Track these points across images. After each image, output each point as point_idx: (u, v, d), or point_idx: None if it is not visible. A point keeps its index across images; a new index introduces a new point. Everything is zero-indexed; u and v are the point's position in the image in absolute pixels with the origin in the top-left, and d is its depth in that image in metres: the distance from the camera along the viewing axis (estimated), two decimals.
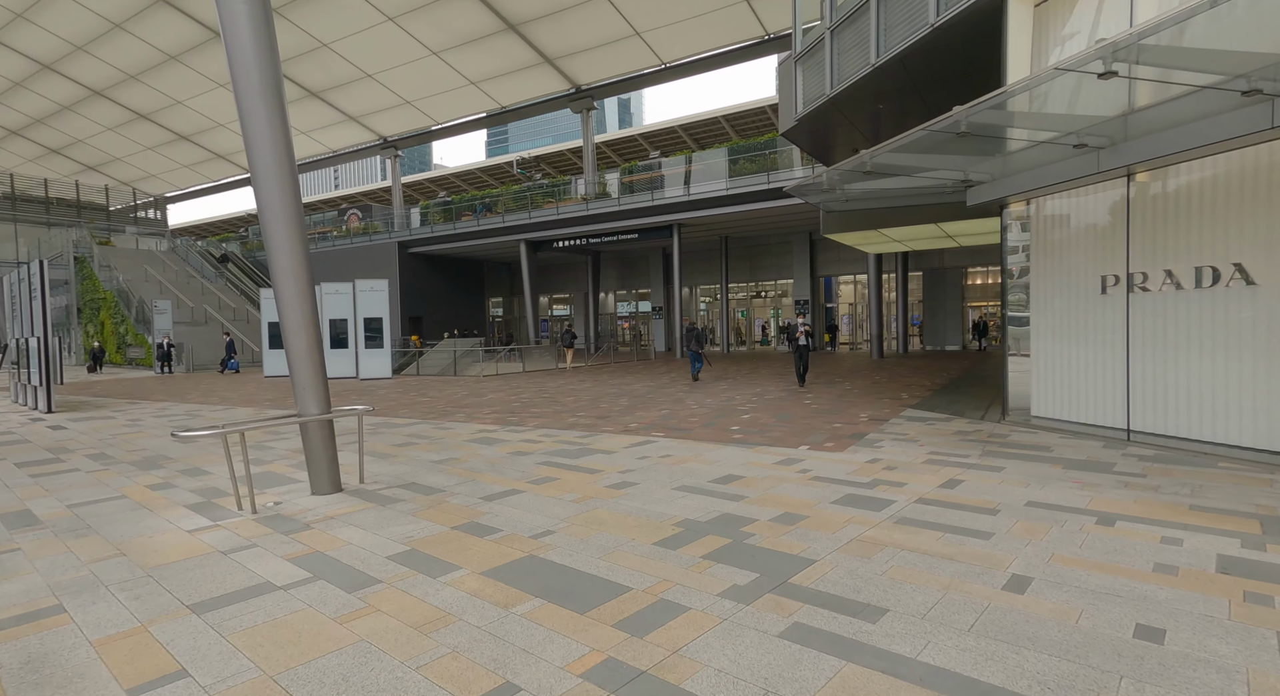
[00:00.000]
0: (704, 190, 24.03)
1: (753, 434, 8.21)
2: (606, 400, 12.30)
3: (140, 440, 9.14)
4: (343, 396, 14.46)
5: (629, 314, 35.50)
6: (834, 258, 28.00)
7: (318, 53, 30.75)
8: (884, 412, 9.66)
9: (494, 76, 30.90)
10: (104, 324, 30.11)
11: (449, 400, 13.21)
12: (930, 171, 8.21)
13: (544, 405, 11.85)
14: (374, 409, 6.36)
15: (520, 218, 28.56)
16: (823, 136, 14.17)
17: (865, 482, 5.65)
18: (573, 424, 9.47)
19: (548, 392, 14.07)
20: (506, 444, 8.06)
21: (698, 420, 9.46)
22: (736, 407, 10.67)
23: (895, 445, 7.23)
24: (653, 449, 7.45)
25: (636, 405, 11.38)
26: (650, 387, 14.46)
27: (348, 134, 37.50)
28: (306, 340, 5.83)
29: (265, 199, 5.69)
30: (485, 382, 17.22)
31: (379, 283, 19.02)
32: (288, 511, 5.33)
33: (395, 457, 7.42)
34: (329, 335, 19.45)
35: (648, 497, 5.39)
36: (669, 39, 27.09)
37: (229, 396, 15.16)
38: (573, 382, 16.33)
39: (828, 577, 3.59)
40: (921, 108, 12.44)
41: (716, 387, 14.00)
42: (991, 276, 25.92)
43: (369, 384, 17.81)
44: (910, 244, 11.64)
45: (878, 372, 16.61)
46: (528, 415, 10.58)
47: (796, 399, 11.64)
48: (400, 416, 10.92)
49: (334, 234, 35.84)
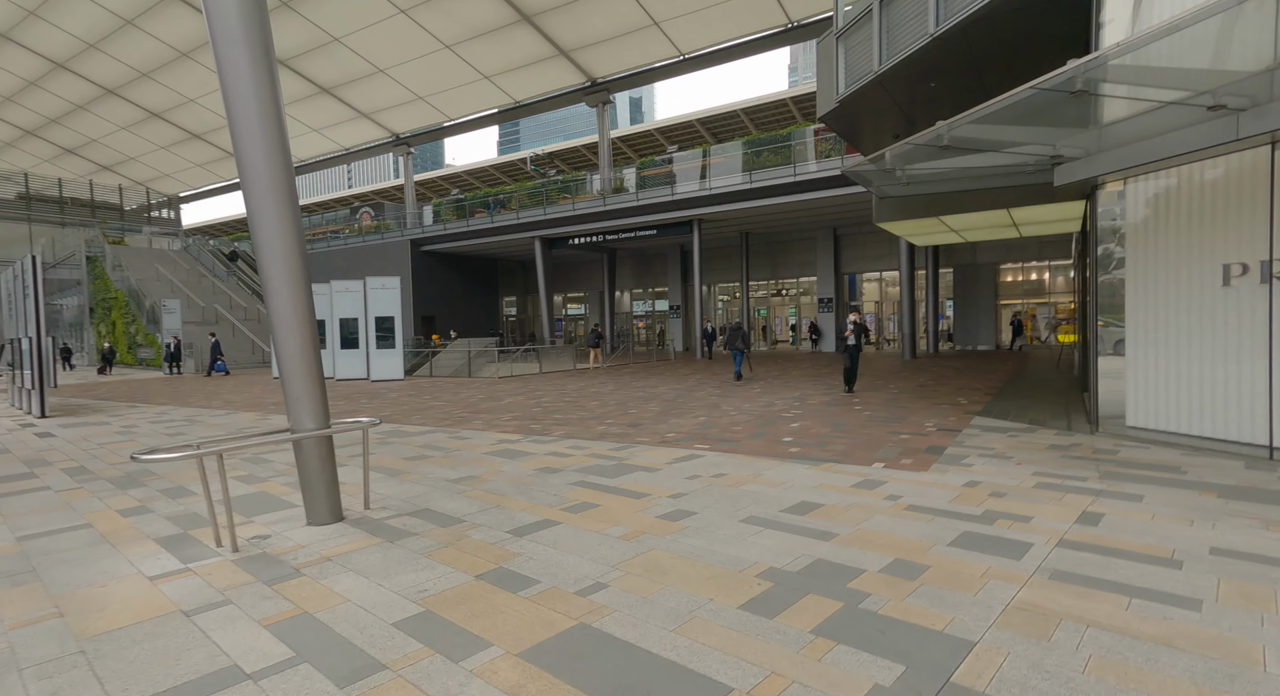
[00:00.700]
0: (725, 184, 22.94)
1: (810, 446, 7.15)
2: (634, 405, 11.27)
3: (128, 451, 8.21)
4: (352, 400, 13.53)
5: (645, 313, 34.46)
6: (859, 254, 26.83)
7: (329, 47, 29.94)
8: (950, 421, 8.57)
9: (507, 70, 29.95)
10: (115, 324, 29.46)
11: (464, 404, 12.23)
12: (1015, 146, 7.12)
13: (567, 410, 10.84)
14: (381, 420, 5.36)
15: (535, 214, 27.60)
16: (864, 120, 13.06)
17: (977, 515, 4.58)
18: (602, 433, 8.45)
19: (569, 396, 13.06)
20: (531, 457, 7.05)
21: (742, 429, 8.41)
22: (780, 414, 9.61)
23: (987, 463, 6.15)
24: (701, 465, 6.41)
25: (668, 411, 10.35)
26: (678, 391, 13.41)
27: (360, 131, 36.70)
28: (300, 341, 4.84)
29: (246, 155, 4.69)
30: (501, 385, 16.25)
31: (390, 280, 18.12)
32: (276, 548, 4.34)
33: (406, 474, 6.43)
34: (339, 335, 18.56)
35: (713, 533, 4.36)
36: (688, 29, 26.01)
37: (234, 399, 14.27)
38: (594, 385, 15.31)
39: (1006, 676, 2.54)
40: (977, 85, 11.33)
41: (750, 391, 12.94)
42: (1025, 273, 24.62)
43: (380, 386, 16.89)
44: (968, 234, 10.57)
45: (918, 374, 15.48)
46: (551, 422, 9.57)
47: (844, 404, 10.56)
48: (412, 423, 9.94)
49: (346, 232, 35.02)
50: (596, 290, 34.59)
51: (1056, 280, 24.21)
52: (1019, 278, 24.68)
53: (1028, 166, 7.61)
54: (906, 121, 13.30)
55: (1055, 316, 24.34)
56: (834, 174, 20.44)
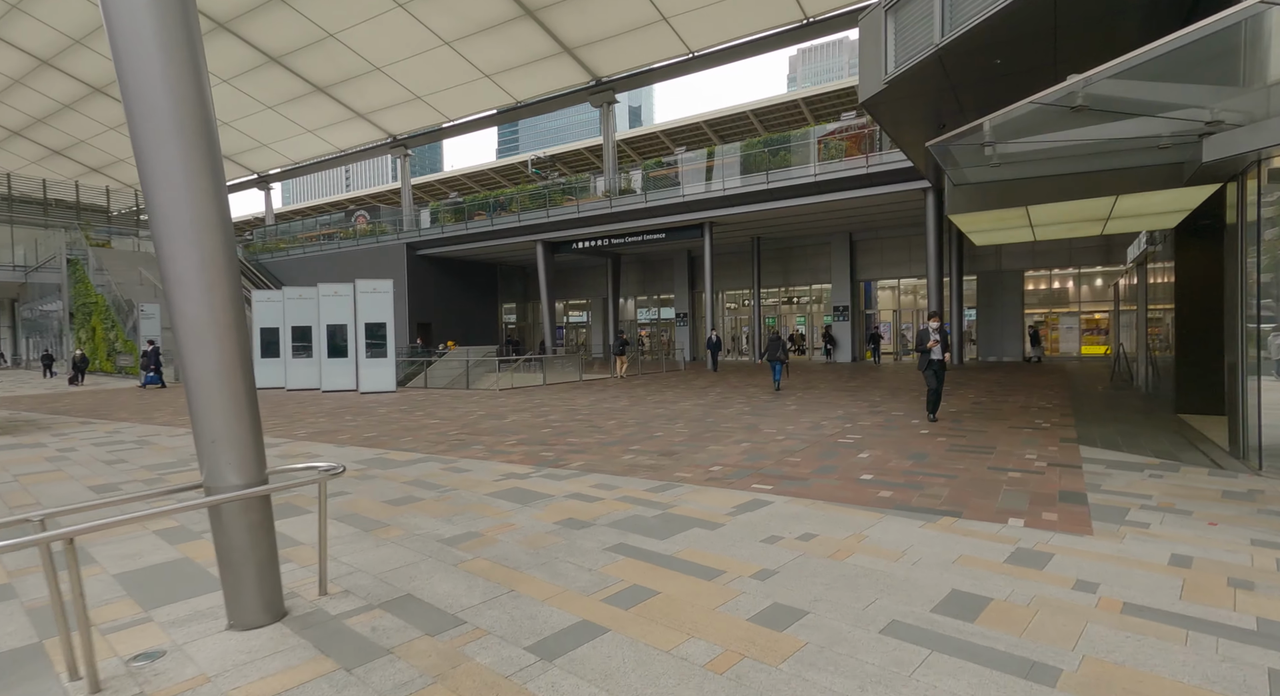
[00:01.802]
0: (740, 185, 21.43)
1: (904, 489, 5.55)
2: (658, 425, 9.65)
3: (44, 487, 6.54)
4: (335, 417, 11.85)
5: (650, 321, 32.88)
6: (875, 261, 25.35)
7: (324, 44, 28.43)
8: (1053, 451, 6.99)
9: (509, 68, 28.48)
10: (95, 329, 27.68)
11: (462, 422, 10.58)
12: (1163, 111, 5.58)
13: (582, 432, 9.21)
14: (343, 468, 3.74)
15: (537, 216, 26.03)
16: (909, 107, 11.56)
17: (1248, 629, 2.98)
18: (631, 465, 6.83)
19: (580, 413, 11.43)
20: (548, 502, 5.43)
21: (801, 461, 6.81)
22: (836, 440, 8.01)
23: (1164, 520, 4.56)
24: (774, 518, 4.80)
25: (701, 432, 8.74)
26: (701, 407, 11.80)
27: (356, 132, 35.14)
28: (220, 357, 3.20)
29: (127, 53, 3.06)
30: (503, 398, 14.60)
31: (383, 283, 16.48)
32: (164, 684, 2.70)
33: (386, 530, 4.79)
34: (326, 342, 16.88)
35: (854, 661, 2.74)
36: (698, 25, 24.60)
37: None
38: (606, 400, 13.69)
39: None
40: (1048, 62, 9.85)
41: (784, 407, 11.34)
42: (1051, 281, 23.12)
43: (370, 399, 15.21)
44: (1046, 230, 9.08)
45: (961, 388, 13.92)
46: (566, 448, 7.94)
47: (905, 427, 8.98)
48: (401, 448, 8.29)
49: (339, 236, 33.38)
50: (600, 297, 33.01)
51: (1081, 288, 22.71)
52: (1045, 285, 23.20)
53: (1160, 140, 6.08)
54: (956, 109, 11.80)
55: (1043, 326, 22.82)
56: (858, 173, 18.96)
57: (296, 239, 35.72)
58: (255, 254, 36.79)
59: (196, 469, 6.15)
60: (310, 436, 9.49)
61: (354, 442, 8.82)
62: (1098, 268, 21.97)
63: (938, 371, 9.22)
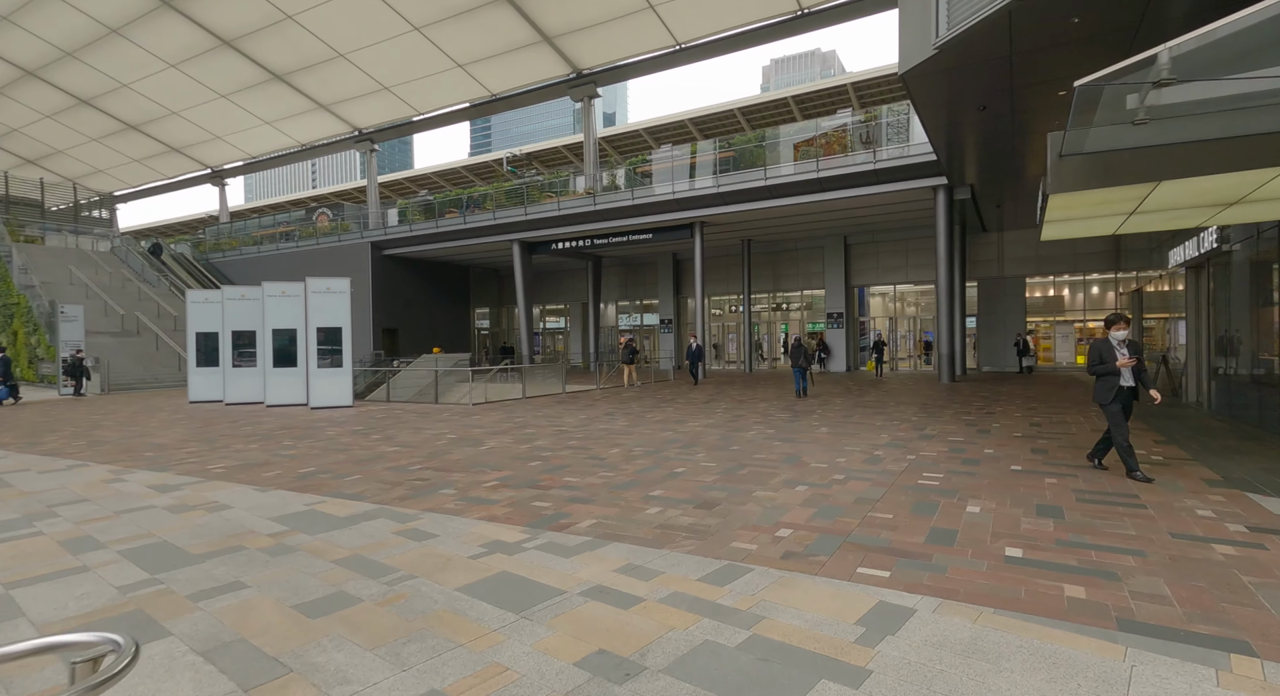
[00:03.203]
0: (735, 181, 19.64)
1: (1082, 576, 3.67)
2: (674, 455, 7.67)
3: None
4: (271, 441, 9.56)
5: (631, 327, 30.92)
6: (871, 265, 23.85)
7: (282, 26, 25.86)
8: (1221, 502, 5.22)
9: (484, 58, 26.32)
10: (17, 333, 24.53)
11: (429, 450, 8.44)
12: None
13: (582, 465, 7.17)
14: (137, 645, 1.57)
15: (514, 214, 23.87)
16: (960, 80, 9.87)
17: None
18: (664, 526, 4.83)
19: (573, 436, 9.38)
20: (558, 607, 3.40)
21: (895, 518, 4.90)
22: (913, 481, 6.14)
23: None
24: (940, 648, 2.86)
25: (734, 468, 6.79)
26: (715, 428, 9.86)
27: (318, 125, 32.50)
28: None
29: None
30: (478, 415, 12.45)
31: (338, 282, 14.18)
32: None
33: (286, 677, 2.71)
34: (271, 348, 14.49)
35: None
36: (686, 14, 22.85)
37: (108, 437, 10.15)
38: (598, 417, 11.65)
39: None
40: (1129, 24, 8.24)
41: (813, 428, 9.47)
42: (1056, 288, 21.86)
43: (321, 416, 12.89)
44: (1150, 218, 7.45)
45: (998, 405, 12.28)
46: (566, 493, 5.90)
47: (983, 458, 7.16)
48: (344, 493, 6.14)
49: (299, 234, 30.66)
50: (579, 302, 30.95)
51: (1075, 295, 21.47)
52: (1047, 292, 21.93)
53: None
54: (1005, 86, 10.17)
55: (1034, 335, 21.50)
56: (864, 169, 17.33)
57: (251, 237, 32.80)
58: (205, 253, 33.76)
59: (31, 539, 4.01)
60: (228, 472, 7.25)
61: (283, 483, 6.63)
62: (1103, 275, 20.75)
63: (1127, 404, 6.08)
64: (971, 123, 11.50)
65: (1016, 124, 11.54)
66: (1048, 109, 10.73)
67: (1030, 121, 11.39)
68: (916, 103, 10.59)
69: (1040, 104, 10.51)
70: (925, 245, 22.86)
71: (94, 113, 33.97)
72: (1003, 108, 10.81)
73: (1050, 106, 10.50)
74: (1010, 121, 11.41)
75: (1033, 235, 21.19)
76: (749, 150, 19.77)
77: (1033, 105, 10.52)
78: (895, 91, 29.27)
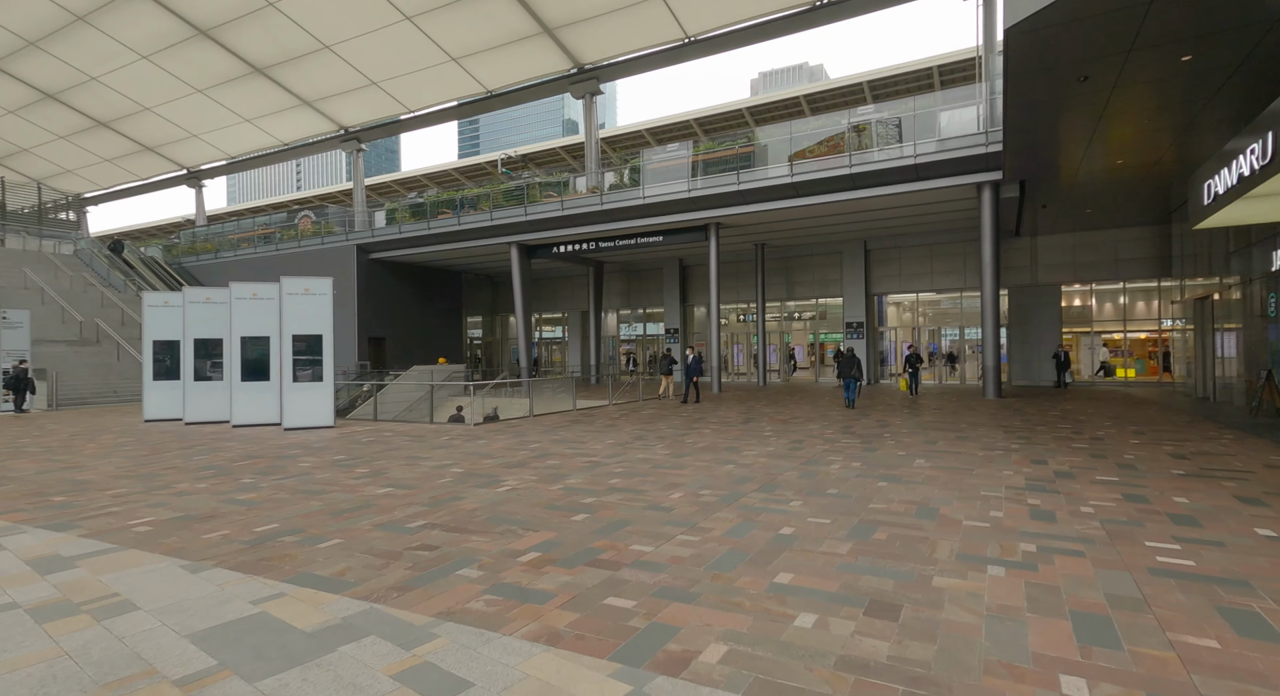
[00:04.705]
0: (756, 179, 17.82)
1: None
2: (764, 506, 5.70)
3: None
4: (225, 480, 7.41)
5: (633, 337, 28.96)
6: (892, 272, 22.18)
7: (263, 15, 23.72)
8: None
9: (479, 51, 24.39)
10: None
11: (432, 495, 6.38)
12: None
13: (644, 520, 5.17)
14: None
15: (513, 215, 21.85)
16: (1088, 37, 8.08)
17: None
18: (849, 662, 2.86)
19: (609, 469, 7.38)
20: None
21: (1230, 644, 2.99)
22: (1176, 568, 4.24)
23: None
24: None
25: (868, 528, 4.84)
26: (785, 460, 7.91)
27: (302, 122, 30.27)
28: None
29: None
30: (483, 439, 10.39)
31: (319, 282, 12.06)
32: None
33: None
34: (238, 360, 12.30)
35: None
36: (698, 4, 21.14)
37: (21, 471, 7.93)
38: (630, 444, 9.66)
39: None
40: None
41: (902, 457, 7.56)
42: (1094, 297, 20.20)
43: (295, 441, 10.73)
44: None
45: (1085, 426, 10.50)
46: (645, 573, 3.90)
47: (1169, 503, 5.30)
48: (315, 572, 4.09)
49: (279, 236, 28.33)
50: (578, 310, 28.94)
51: (1116, 304, 19.88)
52: (1083, 302, 20.34)
53: None
54: (1124, 46, 8.43)
55: (1071, 347, 19.88)
56: (904, 164, 15.62)
57: (228, 239, 30.38)
58: (178, 256, 31.24)
59: None
60: (155, 532, 5.14)
61: (227, 553, 4.55)
62: (1148, 283, 19.19)
63: None
64: (1062, 99, 9.77)
65: (1110, 103, 9.84)
66: (1163, 81, 9.02)
67: (1129, 100, 9.68)
68: (1011, 68, 8.82)
69: (1159, 72, 8.78)
70: (951, 250, 21.25)
71: (60, 108, 31.42)
72: (1106, 80, 9.09)
73: (1168, 74, 8.79)
74: (1105, 99, 9.70)
75: (1069, 239, 19.66)
76: (769, 146, 17.99)
77: (1150, 73, 8.78)
78: (904, 92, 27.88)
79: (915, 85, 27.25)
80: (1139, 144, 11.60)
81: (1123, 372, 20.35)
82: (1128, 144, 11.66)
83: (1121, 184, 14.22)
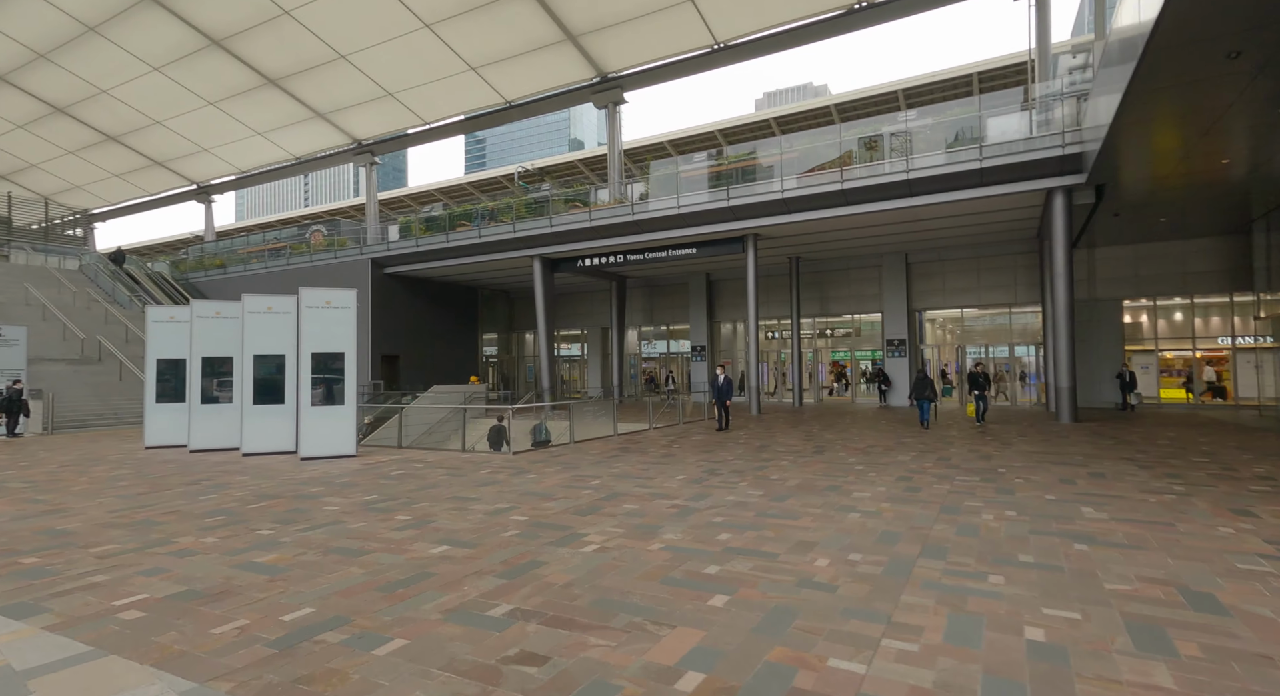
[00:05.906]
0: (800, 186, 16.58)
1: None
2: (959, 585, 4.28)
3: None
4: (235, 526, 5.96)
5: (656, 355, 27.57)
6: (935, 286, 20.87)
7: (278, 24, 22.73)
8: None
9: (499, 60, 23.34)
10: None
11: (501, 557, 4.94)
12: None
13: (809, 608, 3.74)
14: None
15: (538, 226, 20.60)
16: (1217, 16, 6.81)
17: None
18: None
19: (707, 518, 5.95)
20: None
21: None
22: None
23: None
24: None
25: (1134, 622, 3.43)
26: (919, 506, 6.49)
27: (314, 135, 29.19)
28: None
29: None
30: (531, 472, 8.95)
31: (341, 294, 10.72)
32: None
33: None
34: (250, 381, 10.91)
35: None
36: (730, 9, 20.10)
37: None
38: (706, 479, 8.23)
39: None
40: None
41: (1066, 506, 6.15)
42: (1161, 314, 18.69)
43: (314, 475, 9.30)
44: None
45: (1218, 459, 9.08)
46: None
47: None
48: None
49: (290, 250, 27.10)
50: (598, 327, 27.59)
51: (1210, 320, 18.28)
52: (1145, 319, 18.94)
53: None
54: (1257, 25, 7.13)
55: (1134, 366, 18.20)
56: (968, 168, 14.37)
57: (238, 255, 29.17)
58: (186, 272, 30.00)
59: None
60: (139, 630, 3.70)
61: (240, 674, 3.12)
62: (1218, 298, 17.79)
63: None
64: (1196, 81, 8.48)
65: (1248, 88, 8.55)
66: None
67: (1271, 84, 8.40)
68: (1158, 39, 7.51)
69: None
70: (999, 263, 19.97)
71: (70, 122, 30.41)
72: (1255, 57, 7.80)
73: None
74: (1245, 83, 8.42)
75: (1130, 251, 18.35)
76: (820, 148, 16.76)
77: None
78: (939, 98, 26.81)
79: (953, 91, 26.19)
80: (1256, 141, 10.32)
81: (1166, 394, 18.75)
82: (1241, 141, 10.38)
83: (1211, 189, 12.95)
